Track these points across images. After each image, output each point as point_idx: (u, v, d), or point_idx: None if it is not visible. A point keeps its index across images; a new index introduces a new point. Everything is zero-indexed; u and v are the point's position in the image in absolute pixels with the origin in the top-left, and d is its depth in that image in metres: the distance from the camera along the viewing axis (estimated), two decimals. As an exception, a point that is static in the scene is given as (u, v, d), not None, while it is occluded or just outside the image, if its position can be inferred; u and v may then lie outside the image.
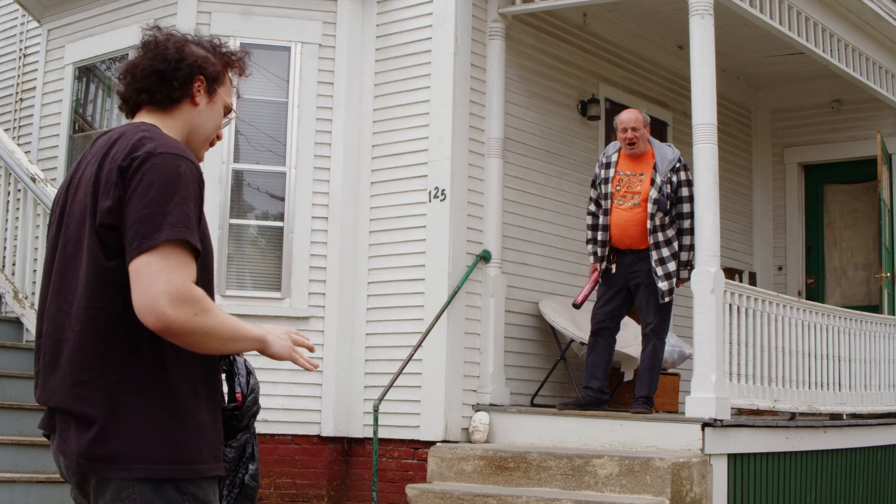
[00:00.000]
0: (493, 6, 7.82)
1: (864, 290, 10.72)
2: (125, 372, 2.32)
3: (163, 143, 2.38)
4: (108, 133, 2.52)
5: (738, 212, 10.78)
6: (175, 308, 2.24)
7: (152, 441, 2.30)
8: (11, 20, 10.56)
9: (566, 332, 7.80)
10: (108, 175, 2.35)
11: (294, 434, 7.62)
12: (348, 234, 7.80)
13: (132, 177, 2.31)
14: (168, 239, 2.26)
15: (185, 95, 2.54)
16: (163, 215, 2.27)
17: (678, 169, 7.03)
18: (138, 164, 2.32)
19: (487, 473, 6.60)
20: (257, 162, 7.90)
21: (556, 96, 8.65)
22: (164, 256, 2.26)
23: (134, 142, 2.37)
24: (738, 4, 7.29)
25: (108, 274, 2.32)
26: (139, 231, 2.26)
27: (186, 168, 2.35)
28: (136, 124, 2.48)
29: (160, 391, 2.33)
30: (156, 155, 2.33)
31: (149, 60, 2.51)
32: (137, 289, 2.25)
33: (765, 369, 7.04)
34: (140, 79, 2.51)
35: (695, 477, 6.14)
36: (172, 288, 2.24)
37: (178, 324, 2.25)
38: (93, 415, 2.31)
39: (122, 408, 2.31)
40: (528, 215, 8.21)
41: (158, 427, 2.31)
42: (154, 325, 2.24)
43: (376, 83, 7.92)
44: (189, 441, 2.35)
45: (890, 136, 10.07)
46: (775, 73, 10.61)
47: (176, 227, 2.28)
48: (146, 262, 2.24)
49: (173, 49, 2.52)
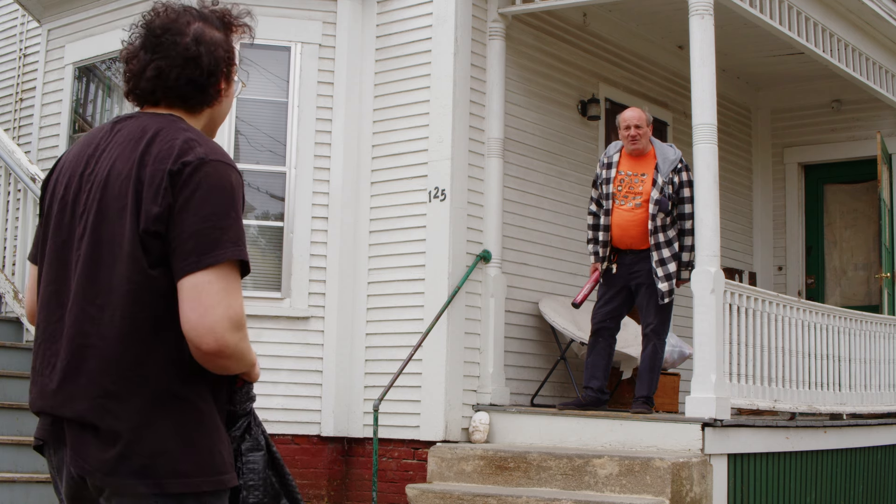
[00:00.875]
0: (493, 6, 7.82)
1: (864, 290, 10.72)
2: (158, 384, 2.24)
3: (211, 148, 2.29)
4: (133, 122, 2.38)
5: (738, 212, 10.78)
6: (233, 333, 2.19)
7: (182, 454, 2.24)
8: (11, 20, 10.55)
9: (566, 332, 7.80)
10: (153, 177, 2.23)
11: (294, 434, 7.61)
12: (348, 234, 7.80)
13: (184, 184, 2.21)
14: (229, 258, 2.20)
15: (217, 96, 2.46)
16: (222, 230, 2.20)
17: (680, 169, 7.03)
18: (191, 172, 2.22)
19: (487, 473, 6.60)
20: (257, 162, 7.90)
21: (556, 96, 8.65)
22: (224, 277, 2.19)
23: (181, 143, 2.26)
24: (738, 4, 7.29)
25: (152, 282, 2.22)
26: (196, 246, 2.18)
27: (237, 180, 2.28)
28: (171, 119, 2.36)
29: (183, 401, 2.26)
30: (208, 163, 2.24)
31: (180, 68, 2.36)
32: (194, 308, 2.17)
33: (765, 369, 7.04)
34: (174, 87, 2.38)
35: (695, 477, 6.14)
36: (233, 313, 2.19)
37: (230, 349, 2.20)
38: (120, 429, 2.22)
39: (152, 421, 2.23)
40: (528, 215, 8.21)
41: (186, 440, 2.25)
42: (210, 347, 2.18)
43: (376, 83, 7.92)
44: (215, 452, 2.29)
45: (890, 136, 10.07)
46: (775, 73, 10.61)
47: (236, 245, 2.22)
48: (206, 281, 2.18)
49: (204, 50, 2.38)
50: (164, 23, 2.39)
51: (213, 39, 2.41)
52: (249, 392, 2.49)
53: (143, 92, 2.41)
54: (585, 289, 7.22)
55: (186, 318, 2.18)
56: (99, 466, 2.23)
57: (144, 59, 2.38)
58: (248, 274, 2.28)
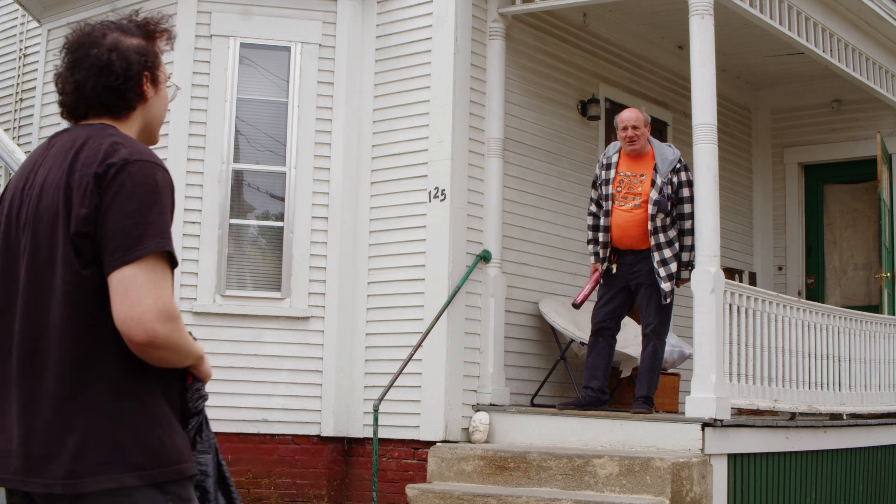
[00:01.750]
0: (493, 6, 7.82)
1: (864, 290, 10.72)
2: (100, 380, 2.30)
3: (136, 149, 2.36)
4: (66, 134, 2.48)
5: (738, 212, 10.78)
6: (162, 324, 2.26)
7: (135, 447, 2.29)
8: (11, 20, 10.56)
9: (566, 332, 7.80)
10: (80, 181, 2.31)
11: (294, 434, 7.62)
12: (348, 234, 7.80)
13: (109, 185, 2.29)
14: (153, 251, 2.27)
15: (140, 99, 2.52)
16: (146, 226, 2.27)
17: (679, 169, 7.03)
18: (115, 172, 2.30)
19: (487, 473, 6.60)
20: (257, 162, 7.90)
21: (556, 96, 8.65)
22: (150, 269, 2.27)
23: (106, 147, 2.34)
24: (738, 4, 7.29)
25: (85, 283, 2.30)
26: (122, 242, 2.26)
27: (162, 177, 2.35)
28: (100, 127, 2.45)
29: (132, 395, 2.32)
30: (132, 162, 2.32)
31: (95, 77, 2.44)
32: (123, 301, 2.25)
33: (765, 369, 7.04)
34: (92, 97, 2.46)
35: (695, 477, 6.14)
36: (161, 304, 2.26)
37: (161, 339, 2.26)
38: (72, 427, 2.28)
39: (100, 416, 2.29)
40: (528, 215, 8.21)
41: (138, 433, 2.30)
42: (140, 338, 2.25)
43: (376, 83, 7.92)
44: (168, 441, 2.35)
45: (890, 136, 10.07)
46: (775, 73, 10.61)
47: (160, 238, 2.29)
48: (132, 275, 2.25)
49: (115, 56, 2.46)
50: (79, 38, 2.49)
51: (128, 46, 2.49)
52: (201, 390, 2.54)
53: (68, 108, 2.51)
54: (586, 289, 7.22)
55: (116, 311, 2.26)
56: (57, 469, 2.28)
57: (66, 77, 2.48)
58: (175, 266, 2.35)
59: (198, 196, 7.70)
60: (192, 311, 7.58)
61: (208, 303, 7.62)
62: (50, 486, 2.29)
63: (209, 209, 7.70)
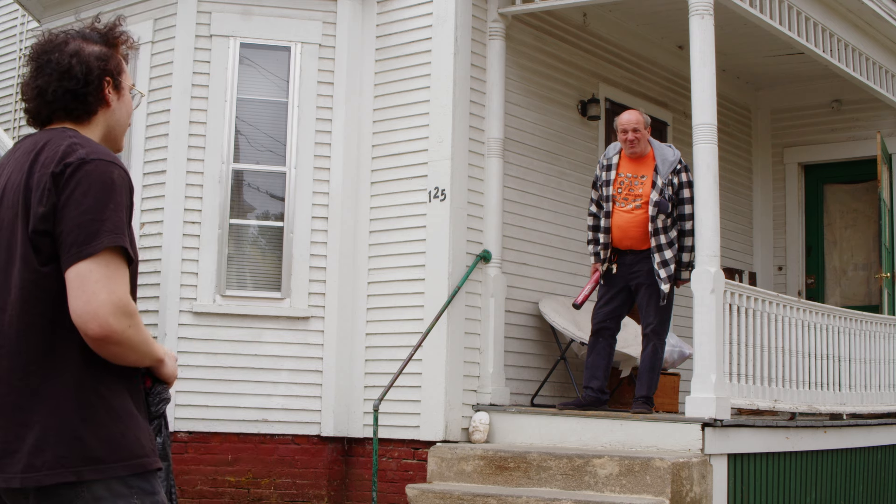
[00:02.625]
0: (493, 6, 7.82)
1: (864, 290, 10.72)
2: (59, 376, 2.33)
3: (93, 149, 2.41)
4: (29, 139, 2.52)
5: (738, 212, 10.78)
6: (117, 318, 2.29)
7: (96, 441, 2.32)
8: (11, 20, 10.56)
9: (566, 332, 7.80)
10: (39, 181, 2.36)
11: (294, 434, 7.62)
12: (348, 234, 7.80)
13: (66, 183, 2.34)
14: (108, 246, 2.31)
15: (101, 103, 2.56)
16: (100, 222, 2.32)
17: (679, 170, 7.04)
18: (72, 171, 2.34)
19: (487, 473, 6.60)
20: (257, 162, 7.90)
21: (556, 96, 8.65)
22: (105, 264, 2.30)
23: (64, 147, 2.39)
24: (738, 4, 7.29)
25: (44, 280, 2.35)
26: (77, 238, 2.30)
27: (119, 175, 2.39)
28: (61, 130, 2.49)
29: (92, 391, 2.35)
30: (88, 161, 2.36)
31: (57, 81, 2.50)
32: (79, 296, 2.28)
33: (765, 369, 7.04)
34: (52, 101, 2.51)
35: (695, 477, 6.14)
36: (115, 298, 2.29)
37: (117, 334, 2.30)
38: (31, 422, 2.31)
39: (62, 412, 2.31)
40: (528, 215, 8.21)
41: (99, 427, 2.33)
42: (95, 332, 2.28)
43: (376, 83, 7.92)
44: (130, 435, 2.37)
45: (890, 136, 10.07)
46: (775, 73, 10.61)
47: (114, 234, 2.33)
48: (87, 270, 2.29)
49: (76, 62, 2.51)
50: (41, 45, 2.56)
51: (89, 52, 2.55)
52: (162, 394, 2.56)
53: (31, 113, 2.57)
54: (586, 290, 7.22)
55: (73, 306, 2.29)
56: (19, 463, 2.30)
57: (30, 83, 2.55)
58: (131, 264, 2.39)
59: (198, 196, 7.70)
60: (192, 311, 7.58)
61: (208, 303, 7.62)
62: (8, 481, 2.31)
63: (209, 209, 7.70)
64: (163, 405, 2.56)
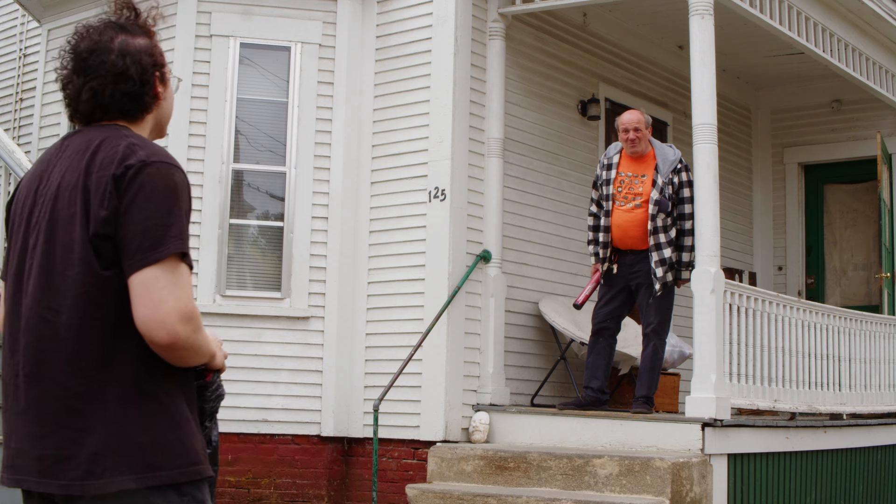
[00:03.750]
0: (493, 6, 7.82)
1: (864, 290, 10.72)
2: (119, 380, 2.30)
3: (153, 150, 2.37)
4: (79, 136, 2.47)
5: (738, 212, 10.78)
6: (184, 325, 2.27)
7: (154, 447, 2.29)
8: (11, 20, 10.56)
9: (566, 332, 7.80)
10: (98, 183, 2.32)
11: (294, 434, 7.62)
12: (348, 234, 7.80)
13: (128, 186, 2.30)
14: (173, 252, 2.29)
15: (154, 100, 2.53)
16: (165, 227, 2.29)
17: (679, 170, 7.04)
18: (133, 174, 2.31)
19: (487, 473, 6.60)
20: (257, 162, 7.90)
21: (556, 96, 8.65)
22: (171, 271, 2.28)
23: (123, 149, 2.35)
24: (738, 4, 7.29)
25: (105, 284, 2.31)
26: (142, 243, 2.27)
27: (180, 179, 2.38)
28: (115, 129, 2.45)
29: (151, 396, 2.32)
30: (150, 164, 2.33)
31: (112, 84, 2.44)
32: (145, 303, 2.25)
33: (765, 369, 7.04)
34: (109, 104, 2.46)
35: (695, 477, 6.14)
36: (181, 305, 2.27)
37: (183, 341, 2.27)
38: (90, 428, 2.27)
39: (120, 418, 2.28)
40: (528, 215, 8.21)
41: (157, 433, 2.30)
42: (162, 340, 2.26)
43: (376, 83, 7.92)
44: (186, 442, 2.34)
45: (890, 136, 10.07)
46: (775, 73, 10.61)
47: (179, 239, 2.31)
48: (153, 276, 2.26)
49: (130, 62, 2.45)
50: (90, 45, 2.46)
51: (138, 48, 2.48)
52: (218, 389, 2.55)
53: (83, 115, 2.51)
54: (587, 290, 7.22)
55: (138, 313, 2.26)
56: (74, 469, 2.26)
57: (78, 83, 2.47)
58: (191, 270, 2.37)
59: (198, 196, 7.69)
60: (192, 311, 7.57)
61: (208, 303, 7.62)
62: (66, 488, 2.27)
63: (209, 209, 7.70)
64: (218, 402, 2.54)
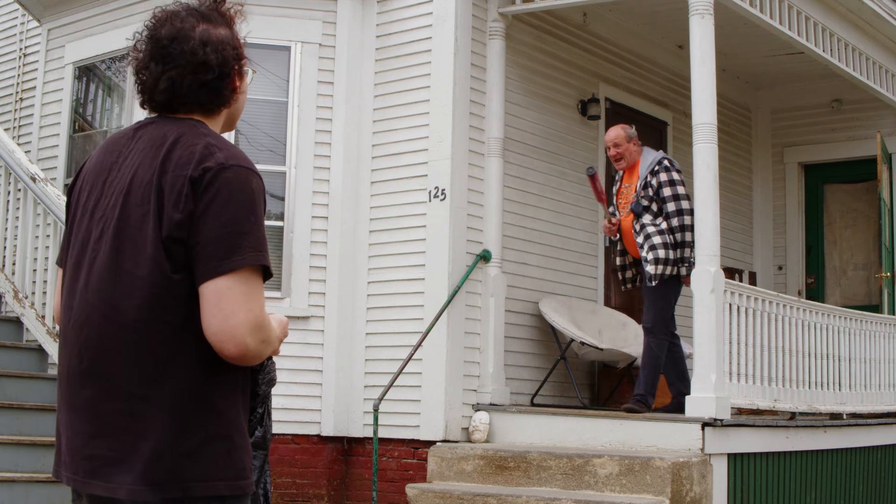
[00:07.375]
0: (493, 6, 7.82)
1: (864, 290, 10.72)
2: (179, 386, 2.23)
3: (231, 152, 2.29)
4: (153, 128, 2.38)
5: (738, 212, 10.78)
6: (254, 337, 2.20)
7: (206, 457, 2.22)
8: (11, 20, 10.55)
9: (566, 331, 7.80)
10: (174, 183, 2.24)
11: (294, 434, 7.61)
12: (348, 234, 7.80)
13: (205, 190, 2.22)
14: (249, 263, 2.21)
15: (233, 94, 2.44)
16: (242, 236, 2.21)
17: (657, 171, 7.17)
18: (211, 178, 2.22)
19: (487, 473, 6.60)
20: (257, 162, 7.89)
21: (556, 96, 8.65)
22: (244, 281, 2.20)
23: (201, 149, 2.27)
24: (738, 4, 7.29)
25: (175, 287, 2.23)
26: (217, 251, 2.19)
27: (257, 185, 2.28)
28: (191, 124, 2.36)
29: (208, 404, 2.26)
30: (228, 168, 2.25)
31: (192, 74, 2.34)
32: (215, 313, 2.18)
33: (765, 369, 7.04)
34: (187, 94, 2.36)
35: (695, 476, 6.14)
36: (252, 317, 2.20)
37: (252, 352, 2.22)
38: (146, 432, 2.20)
39: (176, 424, 2.21)
40: (528, 215, 8.21)
41: (210, 443, 2.24)
42: (232, 352, 2.20)
43: (376, 83, 7.92)
44: (236, 455, 2.28)
45: (890, 135, 10.07)
46: (775, 73, 10.61)
47: (256, 250, 2.22)
48: (226, 286, 2.18)
49: (210, 51, 2.35)
50: (171, 32, 2.36)
51: (220, 38, 2.38)
52: (271, 373, 2.52)
53: (158, 104, 2.41)
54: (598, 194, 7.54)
55: (208, 323, 2.19)
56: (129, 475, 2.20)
57: (156, 71, 2.36)
58: (270, 278, 2.30)
59: (198, 196, 7.70)
60: (192, 310, 7.58)
61: (208, 302, 7.61)
62: (112, 491, 2.21)
63: (209, 209, 7.69)
64: (270, 385, 2.49)
